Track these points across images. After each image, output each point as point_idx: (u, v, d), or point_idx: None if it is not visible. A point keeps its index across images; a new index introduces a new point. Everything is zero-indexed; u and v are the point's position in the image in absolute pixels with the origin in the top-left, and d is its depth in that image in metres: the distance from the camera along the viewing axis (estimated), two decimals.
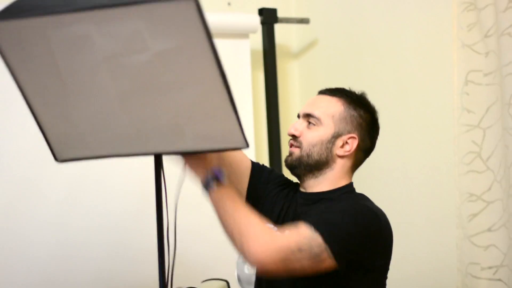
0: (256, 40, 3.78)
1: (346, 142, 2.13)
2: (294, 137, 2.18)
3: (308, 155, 2.13)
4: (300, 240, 1.87)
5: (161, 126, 1.84)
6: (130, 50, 1.67)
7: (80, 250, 3.13)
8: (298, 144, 2.15)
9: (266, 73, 3.76)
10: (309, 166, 2.13)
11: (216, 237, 3.42)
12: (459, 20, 2.86)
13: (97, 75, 1.74)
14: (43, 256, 3.05)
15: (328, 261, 1.87)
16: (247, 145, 1.86)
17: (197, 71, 1.69)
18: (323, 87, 2.27)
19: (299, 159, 2.14)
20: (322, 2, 3.86)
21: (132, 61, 1.69)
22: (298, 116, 2.22)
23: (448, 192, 3.01)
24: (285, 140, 3.59)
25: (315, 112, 2.15)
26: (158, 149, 1.93)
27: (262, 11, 3.69)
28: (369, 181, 3.41)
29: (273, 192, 2.27)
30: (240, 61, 3.62)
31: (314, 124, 2.14)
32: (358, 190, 2.19)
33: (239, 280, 3.18)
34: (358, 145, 2.15)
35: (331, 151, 2.13)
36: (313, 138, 2.13)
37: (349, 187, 2.17)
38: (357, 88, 2.34)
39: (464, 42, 2.86)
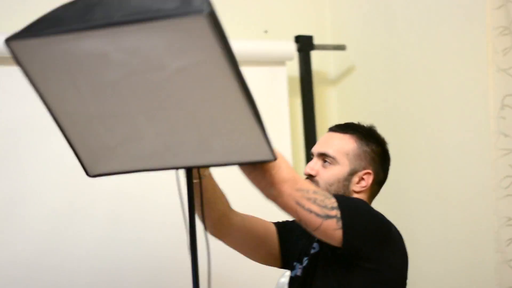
0: (293, 67, 3.81)
1: (362, 178, 2.20)
2: (310, 176, 2.22)
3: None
4: (317, 187, 1.98)
5: (188, 141, 1.85)
6: (148, 67, 1.66)
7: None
8: (315, 184, 2.16)
9: (304, 99, 3.78)
10: None
11: (256, 263, 3.48)
12: (494, 44, 2.86)
13: (118, 92, 1.75)
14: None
15: (333, 224, 1.90)
16: (275, 158, 1.85)
17: (217, 86, 1.69)
18: (362, 113, 2.33)
19: None
20: (358, 29, 3.88)
21: (151, 78, 1.69)
22: (312, 155, 2.27)
23: (486, 216, 2.99)
24: None
25: (330, 151, 2.20)
26: (188, 163, 1.94)
27: (298, 39, 3.72)
28: (405, 206, 3.42)
29: (298, 231, 2.32)
30: (277, 88, 3.64)
31: (329, 163, 2.20)
32: (394, 214, 2.22)
33: None
34: (373, 179, 2.22)
35: (348, 188, 2.19)
36: (329, 178, 2.18)
37: None
38: (394, 114, 2.38)
39: (500, 66, 2.86)
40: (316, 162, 2.23)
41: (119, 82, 1.72)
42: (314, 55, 3.85)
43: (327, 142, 2.25)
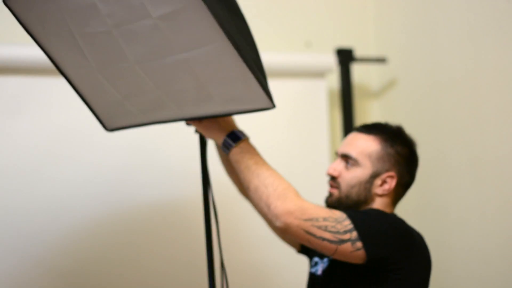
0: (334, 79, 3.78)
1: (385, 181, 2.14)
2: (332, 177, 2.20)
3: (347, 196, 2.15)
4: (328, 212, 1.93)
5: (186, 88, 1.95)
6: (133, 16, 1.77)
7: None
8: (336, 185, 2.18)
9: (344, 112, 3.75)
10: (349, 207, 2.14)
11: (289, 270, 3.45)
12: None
13: (112, 42, 1.86)
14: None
15: (348, 247, 1.91)
16: (274, 105, 1.92)
17: (201, 32, 1.77)
18: (404, 126, 2.27)
19: (339, 200, 2.17)
20: (400, 41, 3.84)
21: (139, 27, 1.79)
22: (337, 154, 2.24)
23: None
24: None
25: (352, 153, 2.16)
26: (193, 113, 2.04)
27: (339, 51, 3.70)
28: (445, 219, 3.36)
29: None
30: (317, 101, 3.63)
31: (352, 165, 2.16)
32: (432, 228, 2.17)
33: None
34: (397, 181, 2.16)
35: (369, 191, 2.15)
36: (351, 180, 2.15)
37: None
38: (436, 127, 2.32)
39: None
40: (338, 163, 2.20)
41: (111, 32, 1.82)
42: (356, 68, 3.82)
43: (351, 143, 2.20)
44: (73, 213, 3.00)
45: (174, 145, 3.20)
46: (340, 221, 1.92)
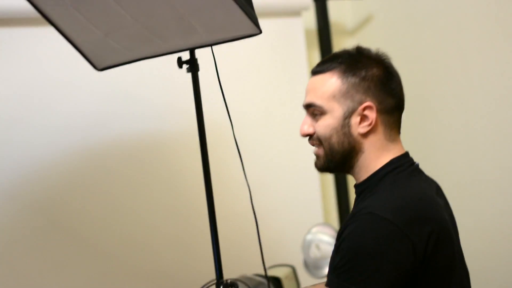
0: (310, 18, 3.70)
1: (363, 116, 1.81)
2: (308, 137, 1.90)
3: (331, 151, 1.84)
4: None
5: (166, 21, 1.94)
6: None
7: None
8: (317, 142, 1.88)
9: (321, 51, 3.68)
10: (339, 163, 1.86)
11: (281, 221, 3.45)
12: None
13: None
14: None
15: None
16: (260, 30, 1.90)
17: None
18: None
19: (326, 159, 1.87)
20: None
21: None
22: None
23: None
24: None
25: (315, 101, 1.85)
26: (180, 46, 2.07)
27: None
28: (434, 157, 3.33)
29: None
30: (294, 41, 3.55)
31: (319, 114, 1.85)
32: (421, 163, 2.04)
33: (306, 265, 3.14)
34: (378, 109, 1.82)
35: (350, 134, 1.82)
36: (325, 131, 1.83)
37: (386, 167, 1.83)
38: (418, 66, 2.20)
39: None
40: (307, 119, 1.90)
41: None
42: (331, 4, 3.75)
43: (310, 90, 1.88)
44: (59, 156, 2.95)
45: (161, 80, 3.18)
46: None
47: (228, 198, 3.22)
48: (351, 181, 3.74)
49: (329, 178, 3.77)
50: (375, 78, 1.83)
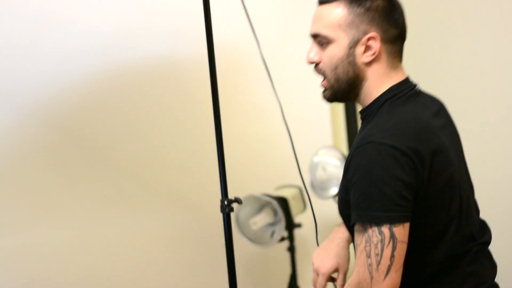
0: None
1: (368, 46, 1.88)
2: (315, 65, 1.96)
3: (336, 80, 1.91)
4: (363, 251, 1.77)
5: None
6: None
7: None
8: (322, 72, 1.94)
9: None
10: (345, 92, 1.93)
11: (289, 141, 3.51)
12: None
13: None
14: None
15: (391, 235, 1.74)
16: None
17: None
18: None
19: (332, 90, 1.94)
20: None
21: None
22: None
23: None
24: None
25: (321, 31, 1.90)
26: None
27: None
28: (443, 79, 3.35)
29: None
30: None
31: (326, 43, 1.91)
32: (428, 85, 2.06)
33: (312, 185, 3.22)
34: (382, 39, 1.88)
35: (355, 63, 1.89)
36: (331, 60, 1.90)
37: (386, 94, 1.91)
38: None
39: None
40: (313, 47, 1.95)
41: None
42: None
43: (316, 20, 1.93)
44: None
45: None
46: (364, 236, 1.77)
47: (238, 121, 3.29)
48: (360, 106, 3.80)
49: (339, 103, 3.80)
50: (380, 9, 1.87)
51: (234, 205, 2.20)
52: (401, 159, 1.74)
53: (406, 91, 1.92)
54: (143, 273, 3.12)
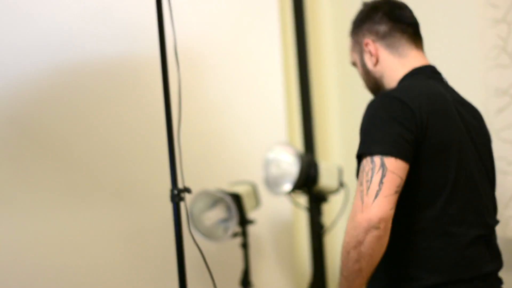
0: None
1: (368, 51, 2.21)
2: None
3: (369, 88, 2.30)
4: (364, 178, 1.90)
5: None
6: None
7: None
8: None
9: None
10: (377, 91, 2.26)
11: (244, 138, 3.51)
12: None
13: None
14: None
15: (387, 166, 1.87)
16: None
17: None
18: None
19: (370, 91, 2.31)
20: None
21: None
22: None
23: (473, 87, 2.96)
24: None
25: (351, 60, 2.32)
26: None
27: None
28: None
29: None
30: None
31: (355, 65, 2.32)
32: None
33: (267, 182, 3.22)
34: (376, 40, 2.21)
35: (370, 71, 2.23)
36: (361, 76, 2.31)
37: (407, 74, 2.15)
38: None
39: None
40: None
41: None
42: None
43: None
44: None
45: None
46: (366, 166, 1.91)
47: (194, 118, 3.29)
48: (317, 106, 3.82)
49: (294, 100, 3.79)
50: (363, 18, 2.23)
51: (188, 199, 2.21)
52: (403, 107, 1.94)
53: (428, 72, 2.17)
54: (93, 267, 3.11)
